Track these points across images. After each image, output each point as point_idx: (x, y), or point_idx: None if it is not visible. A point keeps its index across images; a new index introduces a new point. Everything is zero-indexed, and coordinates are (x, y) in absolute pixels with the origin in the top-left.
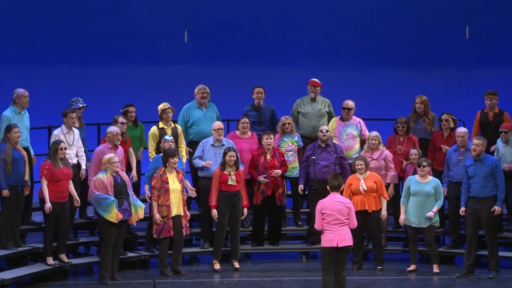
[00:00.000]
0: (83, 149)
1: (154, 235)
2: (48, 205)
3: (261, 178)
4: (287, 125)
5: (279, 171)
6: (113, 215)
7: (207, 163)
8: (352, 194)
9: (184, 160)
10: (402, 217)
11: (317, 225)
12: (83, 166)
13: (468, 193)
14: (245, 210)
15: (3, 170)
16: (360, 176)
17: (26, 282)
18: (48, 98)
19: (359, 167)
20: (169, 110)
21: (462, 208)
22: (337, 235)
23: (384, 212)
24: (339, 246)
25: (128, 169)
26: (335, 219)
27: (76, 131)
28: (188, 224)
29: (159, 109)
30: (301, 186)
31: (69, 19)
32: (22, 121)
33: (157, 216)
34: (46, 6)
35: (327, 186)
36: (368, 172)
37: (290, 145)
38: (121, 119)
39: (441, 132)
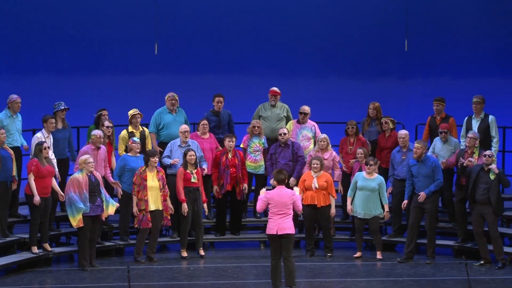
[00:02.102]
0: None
1: (136, 225)
2: (37, 198)
3: (215, 188)
4: (256, 128)
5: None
6: (76, 219)
7: (175, 161)
8: (305, 189)
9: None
10: (349, 207)
11: (258, 207)
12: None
13: (412, 188)
14: (205, 205)
15: None
16: (314, 174)
17: (13, 269)
18: (32, 104)
19: (315, 166)
20: (138, 115)
21: (405, 201)
22: (277, 224)
23: (333, 210)
24: (278, 233)
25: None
26: (279, 210)
27: (51, 137)
28: (168, 217)
29: (129, 115)
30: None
31: (52, 34)
32: (14, 124)
33: (134, 209)
34: (32, 23)
35: (273, 181)
36: (322, 171)
37: (257, 145)
38: (107, 122)
39: (384, 134)
